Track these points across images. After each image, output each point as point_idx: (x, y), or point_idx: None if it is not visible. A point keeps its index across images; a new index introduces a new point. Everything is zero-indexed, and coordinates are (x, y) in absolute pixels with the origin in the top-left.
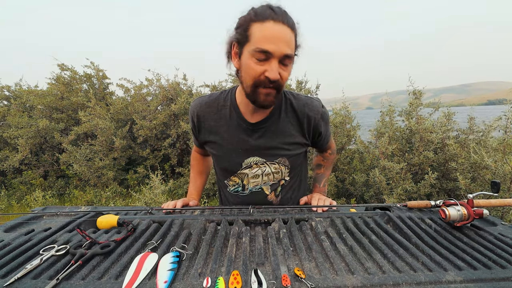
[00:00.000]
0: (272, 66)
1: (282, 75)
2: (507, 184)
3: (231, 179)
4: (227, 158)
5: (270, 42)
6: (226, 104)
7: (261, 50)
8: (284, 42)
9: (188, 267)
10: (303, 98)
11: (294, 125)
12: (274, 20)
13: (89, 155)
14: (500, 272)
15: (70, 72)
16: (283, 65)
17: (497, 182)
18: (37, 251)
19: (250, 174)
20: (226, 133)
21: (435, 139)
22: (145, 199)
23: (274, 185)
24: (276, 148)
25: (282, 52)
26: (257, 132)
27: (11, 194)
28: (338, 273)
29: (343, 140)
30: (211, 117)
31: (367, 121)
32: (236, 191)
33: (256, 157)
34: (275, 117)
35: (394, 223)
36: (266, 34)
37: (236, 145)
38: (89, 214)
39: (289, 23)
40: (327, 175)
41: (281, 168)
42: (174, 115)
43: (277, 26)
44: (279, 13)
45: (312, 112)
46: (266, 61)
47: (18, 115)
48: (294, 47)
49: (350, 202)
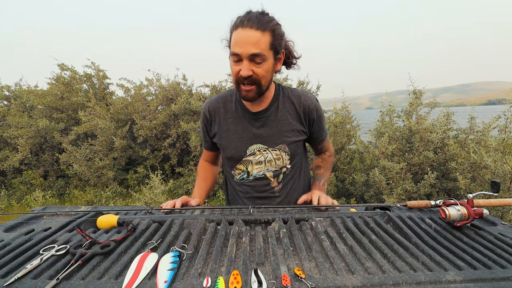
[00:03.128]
0: (243, 66)
1: (256, 71)
2: (507, 184)
3: (237, 167)
4: (233, 146)
5: (238, 46)
6: (232, 100)
7: (233, 53)
8: (250, 44)
9: (188, 267)
10: (298, 91)
11: (292, 114)
12: (242, 27)
13: (89, 155)
14: (500, 272)
15: (70, 72)
16: (256, 63)
17: (497, 182)
18: (37, 251)
19: (254, 160)
20: (233, 124)
21: (435, 139)
22: (145, 199)
23: (276, 172)
24: (276, 135)
25: (248, 53)
26: (259, 121)
27: (11, 194)
28: (338, 273)
29: (343, 140)
30: (220, 110)
31: (367, 122)
32: (242, 179)
33: (259, 144)
34: (274, 107)
35: (394, 223)
36: (236, 39)
37: (241, 133)
38: (89, 214)
39: (259, 26)
40: (326, 176)
41: (282, 155)
42: (174, 115)
43: (244, 32)
44: (250, 19)
45: (307, 102)
46: (240, 62)
47: (18, 115)
48: (265, 45)
49: (350, 202)
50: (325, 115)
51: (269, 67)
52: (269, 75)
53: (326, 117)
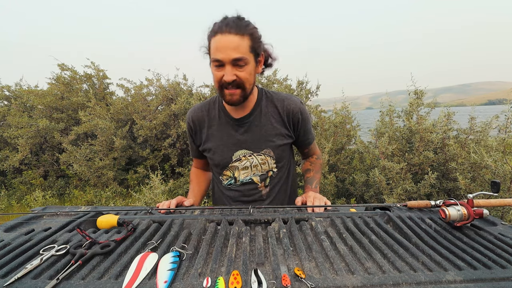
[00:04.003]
0: (226, 71)
1: (239, 75)
2: (507, 184)
3: (224, 173)
4: (219, 153)
5: (219, 51)
6: (215, 107)
7: (214, 59)
8: (231, 48)
9: (188, 267)
10: (282, 94)
11: (275, 118)
12: (221, 33)
13: (89, 155)
14: (500, 272)
15: (70, 72)
16: (239, 67)
17: (497, 182)
18: (37, 251)
19: (240, 166)
20: (217, 131)
21: (435, 139)
22: (145, 199)
23: (263, 176)
24: (260, 140)
25: (230, 57)
26: (243, 127)
27: (11, 194)
28: (338, 273)
29: (343, 140)
30: (203, 119)
31: (367, 122)
32: (230, 184)
33: (243, 150)
34: (257, 112)
35: (394, 223)
36: (216, 45)
37: (226, 140)
38: (89, 214)
39: (238, 31)
40: (317, 178)
41: (267, 159)
42: (174, 115)
43: (224, 38)
44: (228, 25)
45: (291, 106)
46: (222, 67)
47: (18, 115)
48: (245, 49)
49: (350, 202)
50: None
51: (251, 70)
52: (252, 78)
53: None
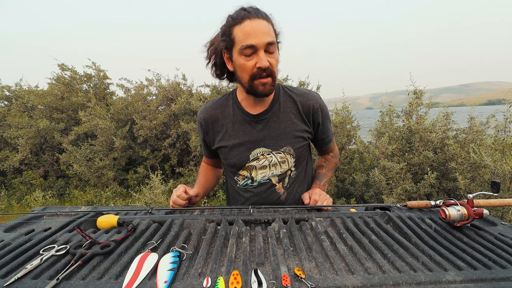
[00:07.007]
0: (260, 57)
1: (271, 62)
2: (507, 184)
3: (240, 173)
4: (235, 153)
5: (251, 36)
6: (228, 104)
7: (247, 46)
8: (263, 32)
9: (188, 267)
10: (301, 90)
11: (295, 114)
12: (249, 18)
13: (89, 155)
14: (500, 272)
15: (71, 72)
16: (269, 53)
17: (497, 182)
18: (37, 251)
19: (257, 165)
20: (232, 129)
21: (434, 139)
22: (145, 199)
23: (281, 176)
24: (279, 137)
25: (264, 41)
26: (260, 123)
27: (11, 194)
28: (338, 273)
29: (343, 140)
30: (216, 117)
31: (367, 122)
32: (246, 185)
33: (261, 148)
34: (275, 107)
35: (394, 223)
36: (246, 31)
37: (242, 138)
38: (89, 214)
39: (263, 16)
40: (328, 176)
41: (286, 157)
42: (174, 115)
43: (254, 22)
44: (252, 11)
45: (311, 101)
46: (254, 54)
47: (18, 115)
48: (274, 34)
49: (350, 202)
50: None
51: (278, 57)
52: (277, 66)
53: None
